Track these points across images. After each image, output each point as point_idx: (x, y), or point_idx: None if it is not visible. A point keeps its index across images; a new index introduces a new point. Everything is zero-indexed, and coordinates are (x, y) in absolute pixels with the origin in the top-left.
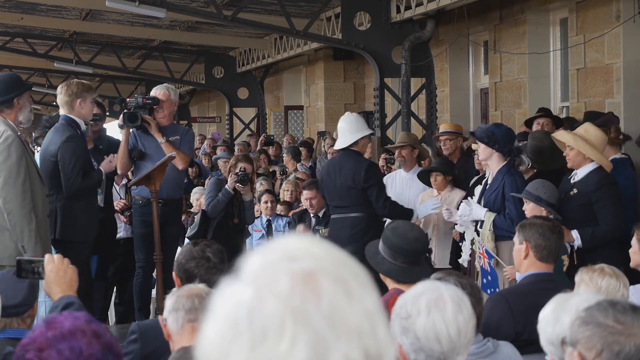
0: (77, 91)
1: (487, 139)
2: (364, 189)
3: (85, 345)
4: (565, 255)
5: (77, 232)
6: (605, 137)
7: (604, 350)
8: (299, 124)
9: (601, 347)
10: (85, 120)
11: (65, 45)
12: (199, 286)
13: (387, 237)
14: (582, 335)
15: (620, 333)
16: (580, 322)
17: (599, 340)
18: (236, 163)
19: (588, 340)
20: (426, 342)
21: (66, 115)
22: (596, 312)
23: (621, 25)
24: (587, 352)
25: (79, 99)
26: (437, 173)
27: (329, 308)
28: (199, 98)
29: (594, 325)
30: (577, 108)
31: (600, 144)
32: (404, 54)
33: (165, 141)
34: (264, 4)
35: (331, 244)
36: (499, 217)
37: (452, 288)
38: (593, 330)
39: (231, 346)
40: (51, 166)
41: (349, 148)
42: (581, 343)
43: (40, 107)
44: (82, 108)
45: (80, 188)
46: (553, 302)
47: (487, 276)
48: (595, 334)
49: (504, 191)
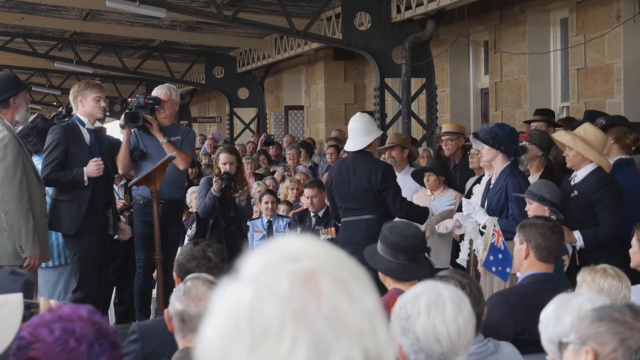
0: (77, 89)
1: (492, 140)
2: (380, 190)
3: (79, 328)
4: (565, 256)
5: (61, 225)
6: (604, 137)
7: (620, 346)
8: (299, 124)
9: (617, 343)
10: (92, 117)
11: (66, 45)
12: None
13: (385, 236)
14: (594, 331)
15: (638, 330)
16: (592, 319)
17: (615, 335)
18: (218, 154)
19: (602, 335)
20: (426, 342)
21: (75, 114)
22: (610, 309)
23: (621, 25)
24: (601, 347)
25: (79, 97)
26: (429, 173)
27: (329, 308)
28: (199, 98)
29: (609, 320)
30: (577, 108)
31: (599, 144)
32: (404, 54)
33: (166, 142)
34: (264, 4)
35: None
36: (502, 220)
37: (452, 288)
38: (608, 326)
39: (231, 347)
40: None
41: (361, 149)
42: (593, 339)
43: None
44: (84, 105)
45: (50, 178)
46: (554, 302)
47: (498, 254)
48: (612, 329)
49: (507, 192)
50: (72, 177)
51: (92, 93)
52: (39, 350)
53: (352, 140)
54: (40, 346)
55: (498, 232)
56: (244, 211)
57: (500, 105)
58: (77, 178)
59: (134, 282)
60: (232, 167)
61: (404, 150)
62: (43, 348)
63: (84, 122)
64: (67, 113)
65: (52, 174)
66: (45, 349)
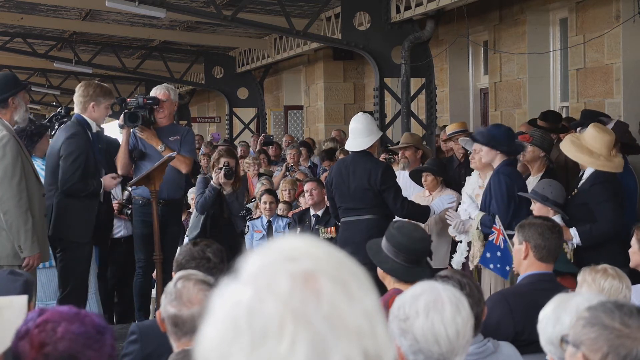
0: (93, 94)
1: (493, 142)
2: (380, 191)
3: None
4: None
5: (70, 232)
6: (610, 138)
7: (610, 353)
8: (298, 124)
9: (607, 349)
10: (98, 123)
11: (65, 45)
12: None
13: (393, 235)
14: (586, 337)
15: (627, 336)
16: (584, 322)
17: (605, 342)
18: (219, 158)
19: (593, 342)
20: (425, 344)
21: (79, 114)
22: (602, 313)
23: (621, 25)
24: (591, 354)
25: (92, 102)
26: (427, 173)
27: (328, 308)
28: (198, 98)
29: (599, 327)
30: (576, 108)
31: (605, 149)
32: (404, 54)
33: (164, 149)
34: (263, 4)
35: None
36: (484, 216)
37: (450, 289)
38: (599, 332)
39: (231, 347)
40: (56, 162)
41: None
42: (586, 344)
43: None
44: (95, 112)
45: (76, 186)
46: (553, 302)
47: (496, 251)
48: (602, 336)
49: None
50: (93, 189)
51: (107, 101)
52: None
53: (354, 140)
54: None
55: (499, 230)
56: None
57: (499, 105)
58: (96, 190)
59: (134, 282)
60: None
61: (418, 151)
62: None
63: (92, 126)
64: (66, 113)
65: (79, 184)
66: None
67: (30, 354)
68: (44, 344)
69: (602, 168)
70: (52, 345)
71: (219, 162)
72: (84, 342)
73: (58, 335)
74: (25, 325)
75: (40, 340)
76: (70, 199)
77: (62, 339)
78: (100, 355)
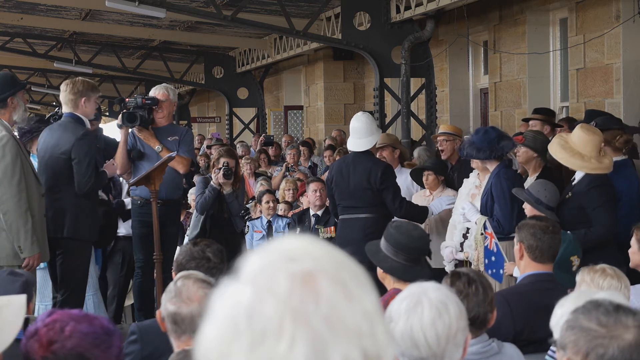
0: (83, 89)
1: (476, 152)
2: (379, 190)
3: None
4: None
5: (86, 231)
6: (598, 139)
7: (590, 353)
8: (298, 124)
9: (586, 350)
10: (88, 118)
11: (65, 45)
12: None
13: (392, 234)
14: (568, 340)
15: (603, 336)
16: (567, 325)
17: (584, 344)
18: (219, 158)
19: (574, 344)
20: (405, 348)
21: (71, 113)
22: (580, 315)
23: (621, 25)
24: (574, 356)
25: (83, 97)
26: (429, 172)
27: (328, 308)
28: (198, 98)
29: (578, 329)
30: (576, 108)
31: (594, 151)
32: (404, 54)
33: (161, 150)
34: (263, 4)
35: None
36: (488, 220)
37: (440, 292)
38: (578, 335)
39: (230, 347)
40: (61, 163)
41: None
42: (569, 347)
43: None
44: (86, 107)
45: (93, 187)
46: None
47: (491, 256)
48: (580, 338)
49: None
50: (103, 180)
51: (95, 95)
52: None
53: (355, 140)
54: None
55: (490, 234)
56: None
57: (499, 106)
58: (104, 179)
59: (133, 282)
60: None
61: (395, 151)
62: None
63: (86, 123)
64: None
65: (96, 184)
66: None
67: (38, 352)
68: (52, 342)
69: (594, 171)
70: (61, 343)
71: (218, 162)
72: (91, 341)
73: (66, 334)
74: (35, 326)
75: (48, 338)
76: (83, 199)
77: (70, 337)
78: (107, 356)
